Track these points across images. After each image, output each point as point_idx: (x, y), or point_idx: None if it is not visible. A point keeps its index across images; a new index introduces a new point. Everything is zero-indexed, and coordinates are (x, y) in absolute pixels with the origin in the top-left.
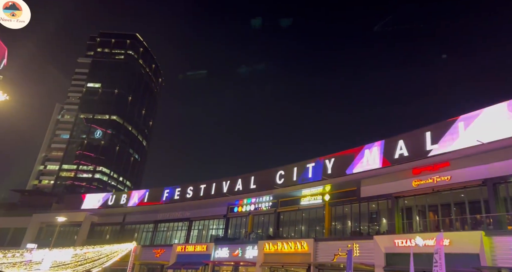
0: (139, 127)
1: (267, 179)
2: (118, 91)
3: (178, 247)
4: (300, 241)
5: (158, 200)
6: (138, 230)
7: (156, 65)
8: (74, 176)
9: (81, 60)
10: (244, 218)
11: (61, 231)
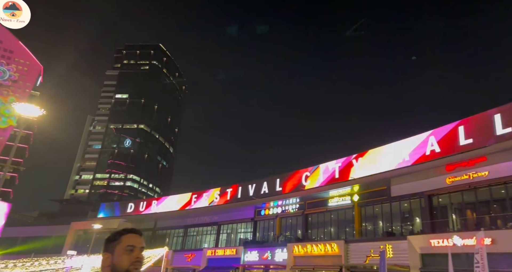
0: (166, 134)
1: (293, 181)
2: (144, 101)
3: (208, 251)
4: (330, 243)
5: (187, 205)
6: (169, 235)
7: (179, 73)
8: (107, 184)
9: (109, 72)
10: (272, 221)
11: (97, 237)
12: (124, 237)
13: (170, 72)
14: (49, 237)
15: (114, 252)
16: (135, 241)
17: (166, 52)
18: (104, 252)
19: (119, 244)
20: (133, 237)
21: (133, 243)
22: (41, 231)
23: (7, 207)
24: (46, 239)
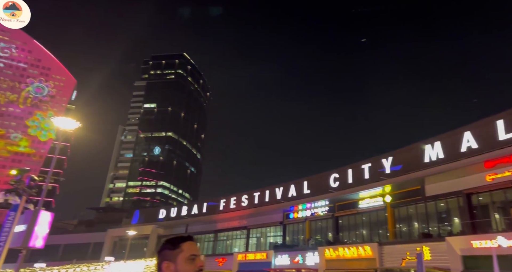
0: (193, 141)
1: (321, 183)
2: (171, 109)
3: (239, 255)
4: (363, 246)
5: (215, 210)
6: (200, 240)
7: (203, 80)
8: (139, 191)
9: (137, 83)
10: (301, 224)
11: (132, 244)
12: (184, 245)
13: (194, 79)
14: (88, 244)
15: (176, 261)
16: (196, 250)
17: (190, 60)
18: (165, 261)
19: (181, 253)
20: (192, 245)
21: (194, 251)
22: (81, 238)
23: (50, 216)
24: (85, 246)
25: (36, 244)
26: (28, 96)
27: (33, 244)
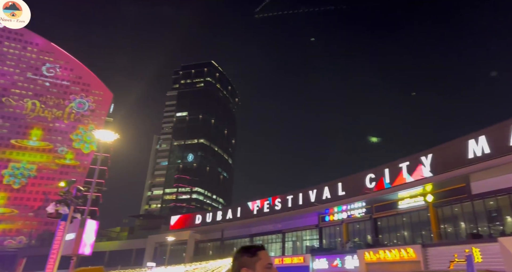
0: (224, 146)
1: (356, 184)
2: (202, 117)
3: (276, 259)
4: (405, 248)
5: (250, 214)
6: (236, 245)
7: (231, 86)
8: (176, 198)
9: (169, 93)
10: (338, 227)
11: (172, 249)
12: (261, 253)
13: (223, 86)
14: (130, 250)
15: (255, 268)
16: (270, 259)
17: (218, 67)
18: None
19: (259, 260)
20: (267, 254)
21: (270, 260)
22: (124, 245)
23: (95, 224)
24: (128, 252)
25: (84, 251)
26: (71, 111)
27: (82, 251)
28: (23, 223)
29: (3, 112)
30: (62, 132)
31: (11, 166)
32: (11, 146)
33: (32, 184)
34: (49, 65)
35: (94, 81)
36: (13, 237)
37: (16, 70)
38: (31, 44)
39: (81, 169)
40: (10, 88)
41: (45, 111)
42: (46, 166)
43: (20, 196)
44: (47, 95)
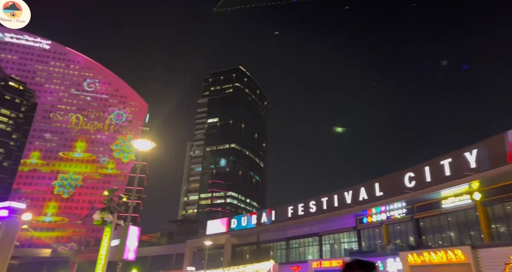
0: (255, 150)
1: (394, 183)
2: (232, 122)
3: (314, 263)
4: (453, 250)
5: (284, 218)
6: (272, 248)
7: (260, 90)
8: (211, 202)
9: (200, 100)
10: (377, 229)
11: (210, 253)
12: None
13: (251, 90)
14: (171, 255)
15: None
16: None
17: (246, 72)
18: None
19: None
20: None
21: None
22: (164, 249)
23: (137, 230)
24: (168, 256)
25: (129, 257)
26: (111, 123)
27: (127, 256)
28: (73, 230)
29: (51, 127)
30: (103, 143)
31: (60, 176)
32: (59, 158)
33: (79, 193)
34: (89, 80)
35: (130, 93)
36: (65, 243)
37: (61, 87)
38: (73, 62)
39: (121, 177)
40: (57, 104)
41: (88, 124)
42: (90, 176)
43: (69, 205)
44: (89, 109)
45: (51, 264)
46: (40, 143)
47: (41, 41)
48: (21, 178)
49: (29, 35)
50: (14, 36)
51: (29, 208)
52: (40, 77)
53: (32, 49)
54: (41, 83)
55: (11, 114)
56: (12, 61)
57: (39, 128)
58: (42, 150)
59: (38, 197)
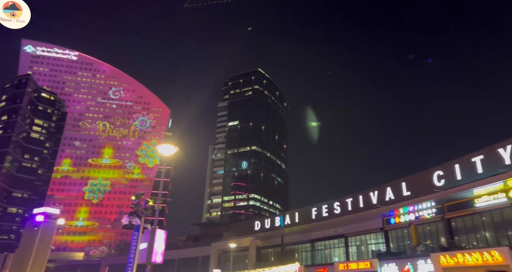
0: (276, 152)
1: (422, 182)
2: (252, 124)
3: (340, 265)
4: (489, 251)
5: (308, 219)
6: (297, 250)
7: (279, 92)
8: (234, 205)
9: (220, 104)
10: (405, 229)
11: (235, 256)
12: None
13: (271, 92)
14: (196, 257)
15: None
16: None
17: (265, 74)
18: None
19: None
20: None
21: None
22: (190, 252)
23: (164, 233)
24: (194, 259)
25: (157, 260)
26: (135, 129)
27: (155, 259)
28: (103, 234)
29: (80, 135)
30: (129, 149)
31: (90, 182)
32: (88, 164)
33: (108, 198)
34: (114, 88)
35: (153, 99)
36: (96, 247)
37: (88, 96)
38: (99, 71)
39: (147, 182)
40: (85, 113)
41: (114, 131)
42: (118, 181)
43: (99, 210)
44: (115, 116)
45: (84, 267)
46: (70, 151)
47: (69, 53)
48: (54, 184)
49: (58, 47)
50: (45, 50)
51: (63, 213)
52: (69, 88)
53: (61, 61)
54: (70, 93)
55: (44, 124)
56: (43, 73)
57: (69, 136)
58: (72, 157)
59: (70, 202)
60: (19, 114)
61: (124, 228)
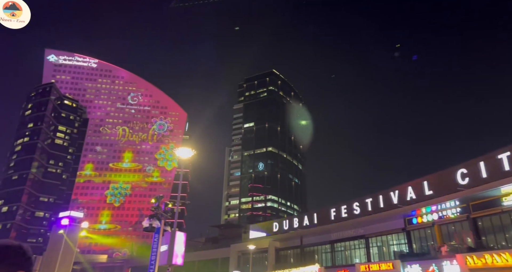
0: (292, 153)
1: (445, 181)
2: (268, 125)
3: (362, 266)
4: None
5: (327, 220)
6: (317, 252)
7: (294, 92)
8: (251, 206)
9: (236, 106)
10: (429, 230)
11: (254, 258)
12: None
13: (286, 93)
14: (216, 259)
15: None
16: None
17: (279, 75)
18: None
19: None
20: None
21: None
22: (209, 254)
23: (183, 236)
24: (214, 261)
25: (177, 262)
26: (154, 133)
27: (175, 261)
28: (125, 236)
29: (101, 140)
30: (148, 153)
31: (111, 186)
32: (109, 169)
33: (129, 201)
34: (132, 94)
35: (170, 103)
36: (119, 249)
37: (108, 102)
38: (118, 77)
39: (166, 185)
40: (105, 118)
41: (133, 136)
42: (138, 185)
43: (120, 213)
44: (133, 121)
45: (108, 269)
46: (92, 156)
47: (89, 60)
48: (78, 189)
49: (79, 56)
50: (66, 58)
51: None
52: (89, 94)
53: (82, 69)
54: (91, 100)
55: (67, 130)
56: (65, 81)
57: (91, 141)
58: (94, 162)
59: (93, 206)
60: (44, 122)
61: (145, 231)
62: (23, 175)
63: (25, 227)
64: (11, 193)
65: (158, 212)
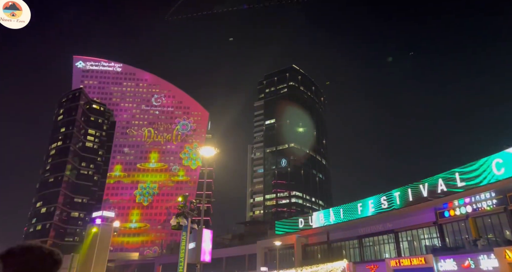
0: (315, 148)
1: (480, 171)
2: (289, 121)
3: (392, 261)
4: None
5: (354, 215)
6: (344, 247)
7: (315, 86)
8: (276, 203)
9: (256, 103)
10: (462, 223)
11: (281, 254)
12: None
13: (306, 88)
14: (243, 255)
15: None
16: None
17: (299, 70)
18: None
19: None
20: None
21: None
22: (236, 251)
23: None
24: (241, 257)
25: (205, 259)
26: (178, 133)
27: (204, 258)
28: (155, 235)
29: (128, 142)
30: (173, 152)
31: (140, 186)
32: (137, 169)
33: (157, 200)
34: (156, 96)
35: (193, 103)
36: (149, 247)
37: (133, 105)
38: (142, 80)
39: (191, 183)
40: (131, 120)
41: (158, 136)
42: (165, 184)
43: (149, 212)
44: (158, 122)
45: (140, 267)
46: (120, 157)
47: (114, 65)
48: (109, 189)
49: (104, 61)
50: (93, 64)
51: (117, 216)
52: (116, 98)
53: (108, 73)
54: (117, 103)
55: (96, 133)
56: (93, 86)
57: (119, 143)
58: (123, 163)
59: (124, 205)
60: (75, 126)
61: (173, 229)
62: (58, 177)
63: (62, 226)
64: (48, 195)
65: (185, 210)
